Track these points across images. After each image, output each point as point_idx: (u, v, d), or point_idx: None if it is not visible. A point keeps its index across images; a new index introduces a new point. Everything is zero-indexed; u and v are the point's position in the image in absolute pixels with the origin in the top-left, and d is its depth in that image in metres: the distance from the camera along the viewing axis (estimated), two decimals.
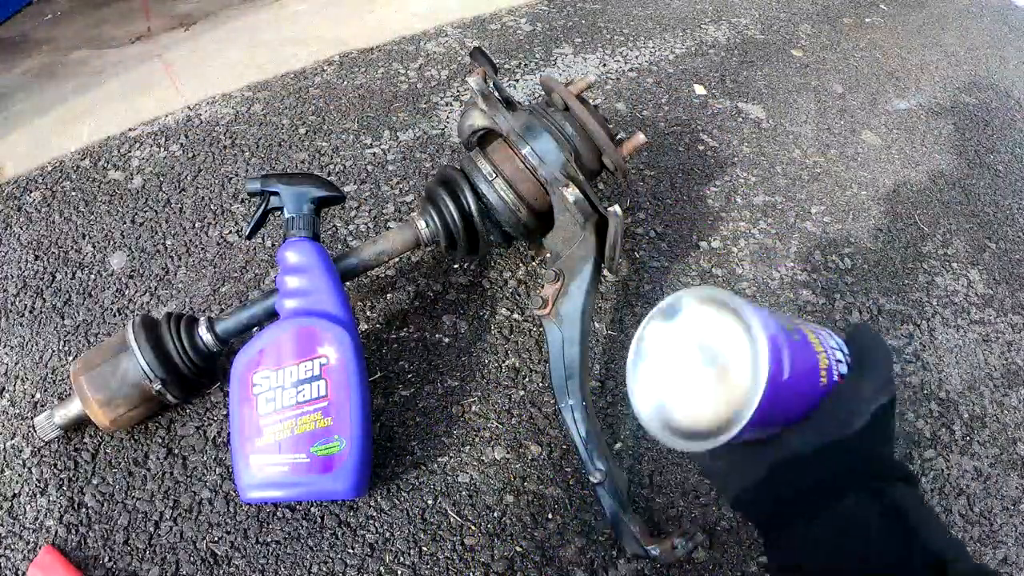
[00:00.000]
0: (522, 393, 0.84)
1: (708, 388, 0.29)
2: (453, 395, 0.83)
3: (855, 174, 1.24)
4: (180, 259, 0.95)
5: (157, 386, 0.70)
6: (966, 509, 0.83)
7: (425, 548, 0.71)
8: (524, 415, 0.82)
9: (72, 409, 0.72)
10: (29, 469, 0.74)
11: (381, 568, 0.69)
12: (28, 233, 0.97)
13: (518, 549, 0.72)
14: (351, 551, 0.70)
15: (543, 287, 0.79)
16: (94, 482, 0.74)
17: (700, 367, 0.29)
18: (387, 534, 0.72)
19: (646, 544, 0.69)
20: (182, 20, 1.50)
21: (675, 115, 1.29)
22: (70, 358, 0.83)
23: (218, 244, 0.97)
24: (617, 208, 0.72)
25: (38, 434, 0.73)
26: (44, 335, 0.86)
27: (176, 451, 0.76)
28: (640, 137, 0.80)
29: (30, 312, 0.88)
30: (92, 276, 0.92)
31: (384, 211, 1.03)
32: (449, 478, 0.77)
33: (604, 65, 1.39)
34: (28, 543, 0.69)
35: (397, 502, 0.74)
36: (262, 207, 0.76)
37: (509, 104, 0.80)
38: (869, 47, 1.61)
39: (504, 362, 0.87)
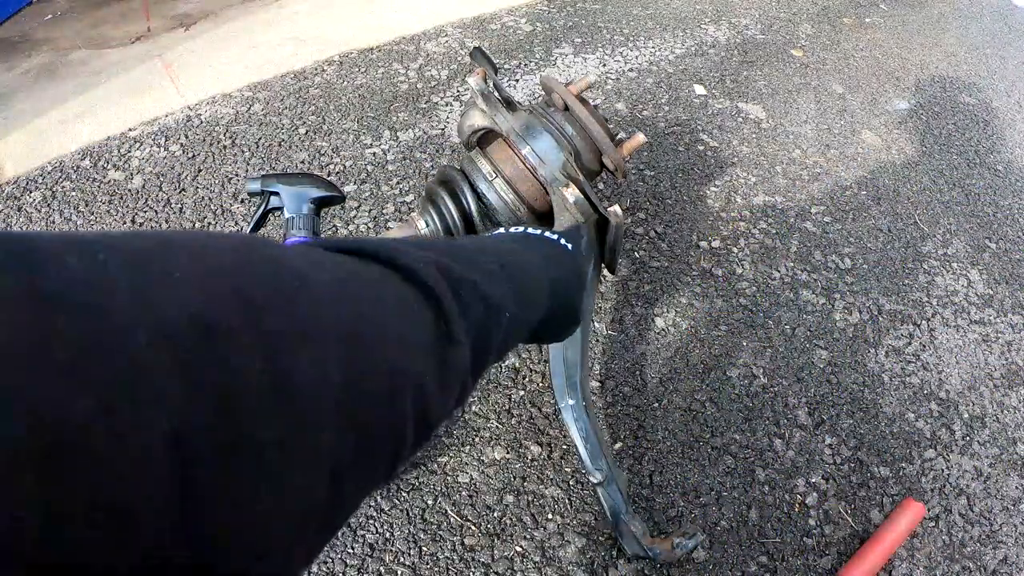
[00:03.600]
0: (522, 393, 0.84)
1: None
2: None
3: (855, 174, 1.24)
4: None
5: None
6: (966, 509, 0.83)
7: (425, 548, 0.71)
8: (524, 415, 0.82)
9: None
10: None
11: (381, 568, 0.69)
12: None
13: (518, 549, 0.72)
14: (351, 551, 0.70)
15: None
16: None
17: None
18: (387, 534, 0.72)
19: (646, 544, 0.69)
20: (182, 20, 1.50)
21: (675, 115, 1.29)
22: None
23: None
24: (617, 208, 0.72)
25: None
26: None
27: None
28: (640, 137, 0.79)
29: None
30: None
31: (384, 211, 1.03)
32: (449, 478, 0.76)
33: (604, 65, 1.39)
34: None
35: (397, 502, 0.74)
36: (262, 207, 0.76)
37: (509, 104, 0.80)
38: (869, 47, 1.61)
39: (504, 362, 0.87)
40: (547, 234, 0.49)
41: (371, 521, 0.72)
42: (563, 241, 0.49)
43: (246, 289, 0.18)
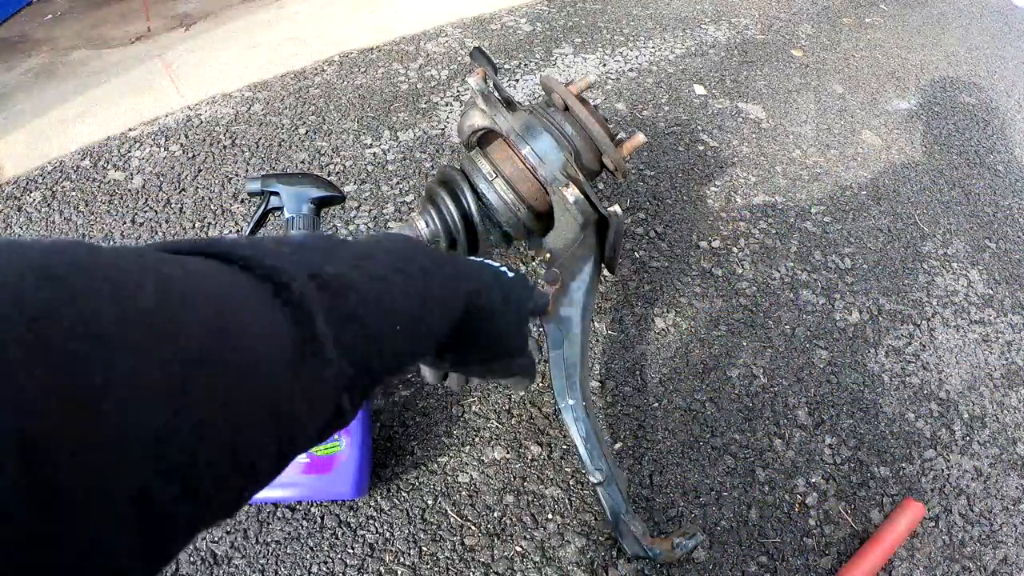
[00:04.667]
0: (522, 393, 0.84)
1: None
2: (453, 395, 0.83)
3: (855, 174, 1.24)
4: None
5: None
6: (966, 509, 0.83)
7: (425, 548, 0.71)
8: (524, 415, 0.82)
9: None
10: None
11: (381, 568, 0.69)
12: (28, 233, 0.97)
13: (518, 549, 0.72)
14: (351, 551, 0.70)
15: (543, 287, 0.79)
16: None
17: None
18: (387, 534, 0.72)
19: (646, 544, 0.69)
20: (182, 20, 1.50)
21: (675, 115, 1.29)
22: None
23: None
24: (617, 208, 0.72)
25: None
26: None
27: None
28: (640, 137, 0.80)
29: None
30: None
31: (384, 211, 1.03)
32: (449, 478, 0.76)
33: (604, 65, 1.39)
34: None
35: (397, 502, 0.74)
36: (262, 207, 0.76)
37: (509, 104, 0.80)
38: (869, 47, 1.61)
39: None
40: (475, 258, 0.45)
41: (371, 521, 0.73)
42: (494, 264, 0.44)
43: (32, 298, 0.15)
